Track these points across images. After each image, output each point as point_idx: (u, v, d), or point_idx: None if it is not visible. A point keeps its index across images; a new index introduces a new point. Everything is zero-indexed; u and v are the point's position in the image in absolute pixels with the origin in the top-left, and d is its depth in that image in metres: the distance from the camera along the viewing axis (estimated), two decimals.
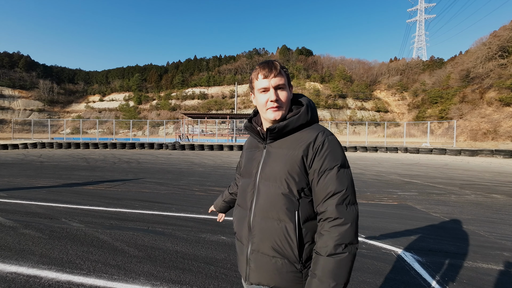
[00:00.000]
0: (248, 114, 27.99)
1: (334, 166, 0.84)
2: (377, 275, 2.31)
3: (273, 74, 0.89)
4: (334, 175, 0.83)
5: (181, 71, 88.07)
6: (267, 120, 0.94)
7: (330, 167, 0.84)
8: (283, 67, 0.93)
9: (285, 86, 0.92)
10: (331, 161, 0.84)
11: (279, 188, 0.87)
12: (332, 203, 0.81)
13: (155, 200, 4.78)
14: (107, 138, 35.01)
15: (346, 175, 0.85)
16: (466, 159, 15.57)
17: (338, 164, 0.85)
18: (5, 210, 4.05)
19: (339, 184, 0.82)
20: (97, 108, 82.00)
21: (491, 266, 2.53)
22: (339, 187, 0.82)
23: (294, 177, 0.86)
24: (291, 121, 0.90)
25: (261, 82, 0.91)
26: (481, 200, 5.22)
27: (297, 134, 0.91)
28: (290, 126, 0.90)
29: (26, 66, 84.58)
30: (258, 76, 0.92)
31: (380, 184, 6.83)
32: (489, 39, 40.50)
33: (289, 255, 0.84)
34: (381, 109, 63.33)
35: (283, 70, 0.92)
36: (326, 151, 0.85)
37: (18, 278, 2.13)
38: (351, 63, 78.39)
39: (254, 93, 0.97)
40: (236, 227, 1.03)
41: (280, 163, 0.88)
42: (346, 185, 0.83)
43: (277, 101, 0.90)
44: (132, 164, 10.49)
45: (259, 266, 0.89)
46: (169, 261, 2.49)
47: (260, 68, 0.92)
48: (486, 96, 37.46)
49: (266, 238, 0.87)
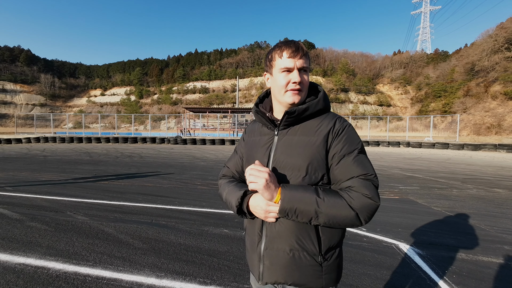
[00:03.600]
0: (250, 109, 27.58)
1: (354, 150, 0.83)
2: (378, 267, 2.34)
3: (300, 54, 0.83)
4: (357, 158, 0.82)
5: (182, 65, 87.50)
6: (284, 103, 0.88)
7: (350, 150, 0.82)
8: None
9: (308, 69, 0.87)
10: (351, 145, 0.83)
11: (299, 176, 0.82)
12: (358, 181, 0.79)
13: (158, 194, 4.83)
14: (109, 132, 35.18)
15: (366, 158, 0.85)
16: (468, 153, 15.48)
17: (358, 147, 0.84)
18: (11, 203, 4.12)
19: (363, 167, 0.81)
20: (99, 103, 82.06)
21: (491, 259, 2.55)
22: (363, 169, 0.81)
23: (315, 164, 0.82)
24: (311, 104, 0.86)
25: (285, 61, 0.83)
26: (483, 194, 5.22)
27: (313, 120, 0.87)
28: (310, 110, 0.86)
29: (27, 60, 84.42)
30: (283, 55, 0.84)
31: (382, 178, 6.84)
32: (495, 31, 39.63)
33: (309, 248, 0.81)
34: (384, 103, 62.73)
35: (307, 53, 0.87)
36: (345, 135, 0.83)
37: (26, 269, 2.19)
38: (354, 56, 77.32)
39: (272, 73, 0.89)
40: (247, 222, 0.96)
41: (299, 150, 0.83)
42: (368, 167, 0.82)
43: (300, 84, 0.84)
44: (134, 159, 10.56)
45: (275, 263, 0.84)
46: (173, 253, 2.54)
47: (285, 46, 0.84)
48: (490, 90, 36.91)
49: (282, 232, 0.83)
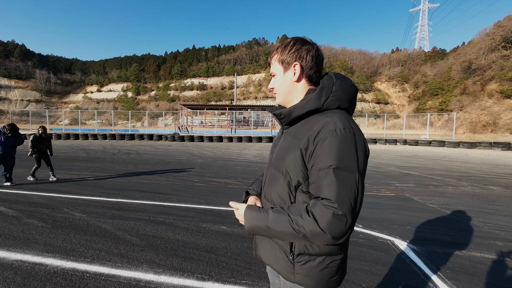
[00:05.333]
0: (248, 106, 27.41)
1: (329, 166, 0.70)
2: (374, 263, 2.38)
3: (269, 62, 0.95)
4: (328, 177, 0.70)
5: (179, 62, 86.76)
6: None
7: (325, 165, 0.71)
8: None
9: (277, 73, 0.95)
10: (328, 158, 0.70)
11: (280, 176, 0.84)
12: (318, 206, 0.70)
13: (156, 191, 4.83)
14: (106, 129, 34.87)
15: (345, 180, 0.69)
16: (464, 151, 15.65)
17: (333, 164, 0.69)
18: (8, 200, 4.10)
19: (330, 189, 0.69)
20: (95, 99, 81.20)
21: (484, 255, 2.60)
22: (329, 192, 0.69)
23: (291, 169, 0.79)
24: (297, 106, 0.83)
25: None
26: (478, 192, 5.29)
27: (306, 121, 0.83)
28: (296, 112, 0.83)
29: (22, 56, 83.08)
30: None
31: (379, 175, 6.90)
32: (493, 29, 39.76)
33: (282, 243, 0.85)
34: (381, 101, 62.91)
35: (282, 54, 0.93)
36: (328, 144, 0.71)
37: (24, 266, 2.19)
38: (352, 53, 77.19)
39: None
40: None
41: (284, 151, 0.84)
42: (339, 193, 0.68)
43: (274, 89, 0.95)
44: (132, 155, 10.51)
45: (261, 244, 0.95)
46: (170, 249, 2.55)
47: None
48: (487, 88, 37.19)
49: None
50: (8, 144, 5.06)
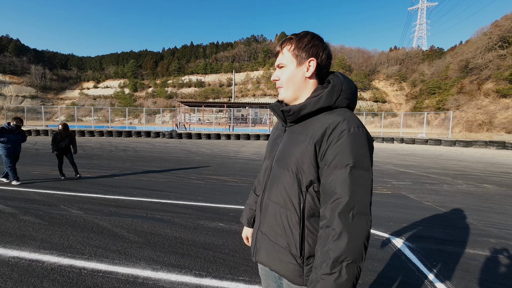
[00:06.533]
0: (246, 103, 27.38)
1: (346, 165, 0.70)
2: (370, 259, 2.41)
3: (276, 52, 0.92)
4: (344, 176, 0.69)
5: (177, 58, 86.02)
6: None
7: (341, 164, 0.70)
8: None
9: (287, 65, 0.92)
10: (345, 157, 0.70)
11: (288, 175, 0.81)
12: (334, 209, 0.69)
13: (153, 188, 4.82)
14: (103, 126, 34.60)
15: (361, 179, 0.70)
16: (460, 150, 15.81)
17: (351, 163, 0.70)
18: (4, 197, 4.07)
19: (347, 189, 0.69)
20: (92, 95, 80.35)
21: (477, 251, 2.65)
22: (345, 192, 0.69)
23: (303, 167, 0.77)
24: (309, 102, 0.80)
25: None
26: (472, 190, 5.37)
27: (316, 118, 0.81)
28: (308, 109, 0.80)
29: (16, 51, 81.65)
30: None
31: (375, 173, 6.95)
32: (490, 28, 39.94)
33: (291, 247, 0.80)
34: (379, 99, 63.14)
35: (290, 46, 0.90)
36: (343, 143, 0.71)
37: (20, 262, 2.18)
38: (350, 51, 77.19)
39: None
40: (256, 206, 1.05)
41: (293, 149, 0.81)
42: (357, 191, 0.69)
43: (279, 82, 0.92)
44: (129, 152, 10.46)
45: (264, 247, 0.88)
46: (168, 246, 2.56)
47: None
48: (483, 87, 37.48)
49: (271, 223, 0.86)
50: (19, 141, 5.08)
